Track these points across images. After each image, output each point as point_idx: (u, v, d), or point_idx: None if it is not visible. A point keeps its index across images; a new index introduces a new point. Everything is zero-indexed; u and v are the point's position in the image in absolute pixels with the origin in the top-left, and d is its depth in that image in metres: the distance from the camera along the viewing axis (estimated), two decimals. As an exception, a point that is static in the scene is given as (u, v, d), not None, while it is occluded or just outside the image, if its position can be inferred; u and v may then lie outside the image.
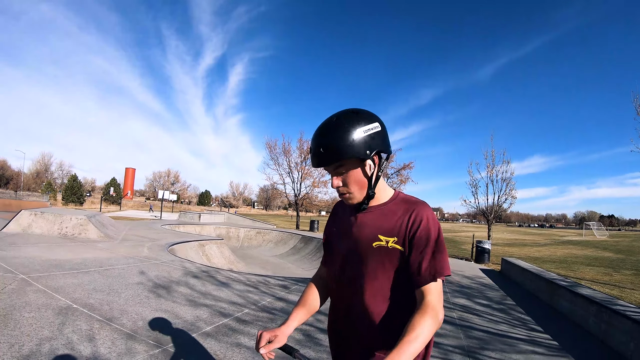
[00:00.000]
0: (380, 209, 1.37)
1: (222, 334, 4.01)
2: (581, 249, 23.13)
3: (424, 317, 1.12)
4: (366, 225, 1.36)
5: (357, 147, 1.23)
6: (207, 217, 30.48)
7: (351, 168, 1.29)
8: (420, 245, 1.25)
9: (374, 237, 1.32)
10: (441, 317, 1.16)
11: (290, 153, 35.41)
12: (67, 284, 5.30)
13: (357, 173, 1.30)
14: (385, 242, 1.30)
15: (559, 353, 4.53)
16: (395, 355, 1.01)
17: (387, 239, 1.30)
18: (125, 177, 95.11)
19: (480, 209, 21.61)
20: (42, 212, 11.20)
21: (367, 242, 1.33)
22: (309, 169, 34.74)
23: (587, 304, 5.79)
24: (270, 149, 35.87)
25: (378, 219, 1.35)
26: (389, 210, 1.35)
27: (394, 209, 1.35)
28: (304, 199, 36.30)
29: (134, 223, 19.90)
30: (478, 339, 4.76)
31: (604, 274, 11.41)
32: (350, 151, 1.22)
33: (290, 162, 35.40)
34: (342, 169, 1.29)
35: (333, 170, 1.31)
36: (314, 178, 35.24)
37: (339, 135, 1.23)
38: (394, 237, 1.29)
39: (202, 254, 12.12)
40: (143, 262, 7.71)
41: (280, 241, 21.35)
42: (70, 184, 63.61)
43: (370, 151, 1.25)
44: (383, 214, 1.35)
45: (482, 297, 7.62)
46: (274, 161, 35.88)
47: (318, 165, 1.29)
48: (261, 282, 7.18)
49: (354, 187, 1.31)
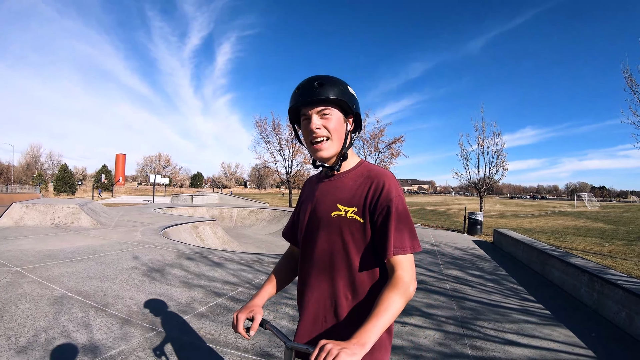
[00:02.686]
0: (342, 176, 1.34)
1: (216, 314, 4.04)
2: (573, 220, 23.46)
3: (392, 292, 1.09)
4: (327, 193, 1.34)
5: (347, 97, 1.26)
6: (199, 199, 30.48)
7: (336, 116, 1.27)
8: (382, 217, 1.21)
9: (332, 206, 1.29)
10: (412, 290, 1.14)
11: (280, 131, 35.42)
12: (62, 273, 5.29)
13: (339, 123, 1.28)
14: (344, 212, 1.26)
15: (551, 322, 4.60)
16: (363, 332, 0.97)
17: (346, 209, 1.26)
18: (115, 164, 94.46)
19: (472, 181, 21.83)
20: (34, 204, 11.10)
21: (325, 211, 1.30)
22: (299, 147, 34.62)
23: (579, 274, 5.87)
24: (260, 127, 35.86)
25: (338, 187, 1.32)
26: (349, 178, 1.32)
27: (355, 178, 1.31)
28: (296, 176, 36.44)
29: (127, 209, 19.81)
30: (471, 310, 4.82)
31: (596, 244, 11.59)
32: (342, 95, 1.25)
33: (280, 139, 35.47)
34: (328, 112, 1.26)
35: (317, 112, 1.26)
36: (304, 155, 35.25)
37: (333, 81, 1.27)
38: (353, 207, 1.25)
39: (195, 235, 12.12)
40: (136, 246, 7.70)
41: (274, 219, 21.36)
42: (61, 173, 63.21)
43: (355, 107, 1.29)
44: (343, 183, 1.32)
45: (474, 268, 7.71)
46: (264, 139, 35.96)
47: (306, 98, 1.24)
48: (255, 261, 7.21)
49: (334, 134, 1.27)
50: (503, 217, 26.68)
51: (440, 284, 6.05)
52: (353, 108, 1.28)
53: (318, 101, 1.24)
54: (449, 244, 11.24)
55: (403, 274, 1.15)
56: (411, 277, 1.16)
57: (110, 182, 70.18)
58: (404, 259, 1.18)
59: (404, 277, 1.14)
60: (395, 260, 1.17)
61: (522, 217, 26.70)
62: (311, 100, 1.24)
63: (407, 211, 1.24)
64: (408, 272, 1.16)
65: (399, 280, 1.13)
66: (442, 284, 6.07)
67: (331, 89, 1.23)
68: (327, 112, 1.26)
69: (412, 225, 1.23)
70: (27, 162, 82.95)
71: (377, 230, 1.22)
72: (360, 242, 1.24)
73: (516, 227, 17.01)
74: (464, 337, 3.88)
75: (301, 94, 1.25)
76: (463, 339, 3.81)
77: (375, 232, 1.22)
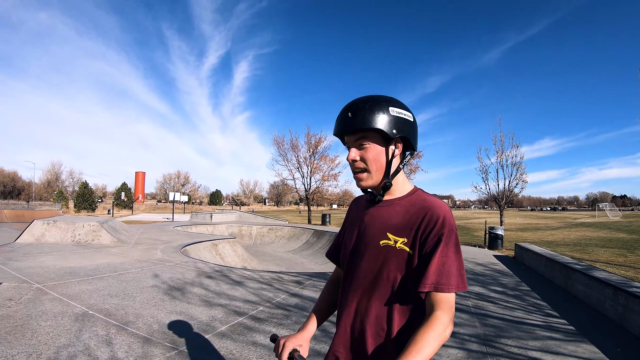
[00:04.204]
0: (394, 204, 1.27)
1: (237, 333, 4.03)
2: (595, 231, 22.91)
3: (428, 332, 1.04)
4: (376, 220, 1.27)
5: (385, 122, 1.18)
6: (218, 217, 30.67)
7: (374, 144, 1.22)
8: (429, 250, 1.14)
9: (382, 234, 1.23)
10: (448, 333, 1.08)
11: (298, 148, 35.40)
12: (83, 290, 5.36)
13: (378, 152, 1.22)
14: (393, 241, 1.20)
15: (576, 338, 4.48)
16: None
17: (396, 239, 1.20)
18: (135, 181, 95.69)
19: (492, 194, 21.49)
20: (55, 221, 11.33)
21: (374, 238, 1.24)
22: (318, 163, 34.76)
23: (603, 287, 5.72)
24: (278, 145, 35.89)
25: (389, 215, 1.25)
26: (402, 206, 1.25)
27: (408, 207, 1.24)
28: (315, 193, 36.20)
29: (146, 226, 20.04)
30: (494, 327, 4.73)
31: (619, 255, 11.30)
32: (377, 122, 1.17)
33: (298, 157, 35.41)
34: (364, 142, 1.22)
35: (354, 142, 1.24)
36: (323, 172, 35.25)
37: (370, 105, 1.19)
38: (403, 237, 1.19)
39: (215, 253, 12.18)
40: (156, 264, 7.77)
41: (293, 236, 21.39)
42: (82, 191, 64.42)
43: (397, 131, 1.20)
44: (395, 211, 1.25)
45: (496, 284, 7.57)
46: (282, 157, 35.93)
47: (341, 130, 1.23)
48: (275, 279, 7.20)
49: (371, 165, 1.22)
50: (524, 231, 26.20)
51: (462, 300, 5.95)
52: (393, 133, 1.19)
53: (353, 131, 1.22)
54: (470, 260, 11.06)
55: (442, 315, 1.08)
56: (450, 319, 1.09)
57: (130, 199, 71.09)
58: (445, 297, 1.11)
59: (442, 318, 1.08)
60: (436, 297, 1.11)
61: (543, 230, 26.18)
62: (346, 131, 1.23)
63: (459, 247, 1.18)
64: (447, 314, 1.09)
65: (436, 320, 1.07)
66: (463, 300, 5.97)
67: (366, 118, 1.18)
68: (364, 142, 1.22)
69: (461, 263, 1.16)
70: (48, 179, 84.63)
71: (422, 263, 1.15)
72: (405, 273, 1.18)
73: (537, 240, 16.68)
74: (487, 355, 3.80)
75: (338, 123, 1.24)
76: (486, 357, 3.73)
77: (422, 264, 1.16)
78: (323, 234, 19.35)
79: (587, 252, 12.30)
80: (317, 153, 35.16)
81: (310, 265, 14.66)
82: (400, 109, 1.23)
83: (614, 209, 56.40)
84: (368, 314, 1.23)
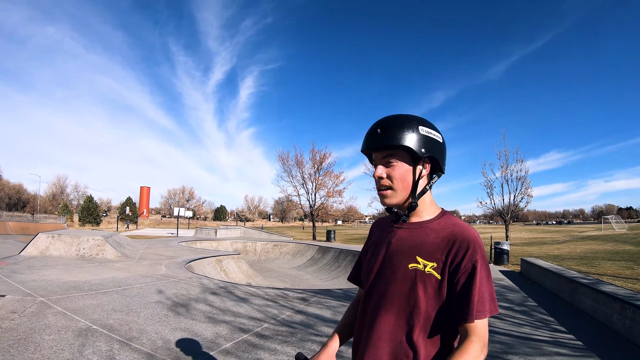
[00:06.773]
0: (422, 226, 1.24)
1: (242, 350, 4.00)
2: (601, 244, 22.71)
3: (463, 357, 1.05)
4: (404, 241, 1.24)
5: (414, 141, 1.18)
6: (223, 232, 30.70)
7: (401, 162, 1.21)
8: (463, 278, 1.12)
9: (411, 257, 1.20)
10: (482, 358, 1.07)
11: (303, 164, 35.47)
12: (86, 305, 5.35)
13: (405, 170, 1.21)
14: (422, 265, 1.17)
15: (584, 353, 4.43)
16: None
17: (425, 263, 1.17)
18: (140, 196, 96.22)
19: (497, 209, 21.41)
20: (59, 234, 11.37)
21: (402, 261, 1.21)
22: (322, 179, 34.81)
23: (610, 301, 5.67)
24: (283, 161, 35.97)
25: (418, 238, 1.22)
26: (431, 230, 1.22)
27: (438, 230, 1.21)
28: (319, 209, 36.17)
29: (151, 241, 20.05)
30: (501, 343, 4.67)
31: (626, 267, 11.21)
32: (406, 140, 1.17)
33: (303, 173, 35.46)
34: (391, 159, 1.21)
35: (381, 159, 1.23)
36: (328, 188, 35.31)
37: (400, 123, 1.20)
38: (433, 262, 1.16)
39: (219, 269, 12.15)
40: (161, 280, 7.76)
41: (298, 253, 21.37)
42: (86, 205, 64.69)
43: (425, 151, 1.19)
44: (424, 233, 1.22)
45: (503, 300, 7.50)
46: (287, 173, 35.95)
47: (368, 147, 1.23)
48: (280, 296, 7.16)
49: (397, 183, 1.21)
50: (530, 245, 25.99)
51: (467, 315, 5.89)
52: (422, 152, 1.19)
53: (381, 148, 1.22)
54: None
55: (476, 341, 1.08)
56: (484, 344, 1.09)
57: (135, 214, 71.31)
58: (480, 324, 1.10)
59: (476, 344, 1.08)
60: (470, 325, 1.10)
61: (549, 244, 25.96)
62: (373, 148, 1.23)
63: (490, 273, 1.16)
64: (481, 340, 1.09)
65: (471, 347, 1.07)
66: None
67: (395, 135, 1.17)
68: (392, 160, 1.22)
69: (492, 288, 1.15)
70: (53, 192, 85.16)
71: (456, 291, 1.13)
72: (432, 298, 1.16)
73: (543, 255, 16.54)
74: (495, 372, 3.76)
75: (366, 140, 1.24)
76: (494, 375, 3.69)
77: (454, 293, 1.14)
78: (328, 250, 19.31)
79: (593, 265, 12.19)
80: (322, 169, 35.27)
81: (315, 281, 14.60)
82: (430, 129, 1.23)
83: (620, 221, 55.94)
84: (391, 339, 1.20)
